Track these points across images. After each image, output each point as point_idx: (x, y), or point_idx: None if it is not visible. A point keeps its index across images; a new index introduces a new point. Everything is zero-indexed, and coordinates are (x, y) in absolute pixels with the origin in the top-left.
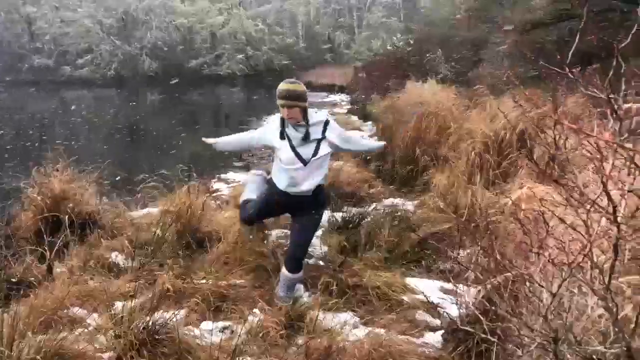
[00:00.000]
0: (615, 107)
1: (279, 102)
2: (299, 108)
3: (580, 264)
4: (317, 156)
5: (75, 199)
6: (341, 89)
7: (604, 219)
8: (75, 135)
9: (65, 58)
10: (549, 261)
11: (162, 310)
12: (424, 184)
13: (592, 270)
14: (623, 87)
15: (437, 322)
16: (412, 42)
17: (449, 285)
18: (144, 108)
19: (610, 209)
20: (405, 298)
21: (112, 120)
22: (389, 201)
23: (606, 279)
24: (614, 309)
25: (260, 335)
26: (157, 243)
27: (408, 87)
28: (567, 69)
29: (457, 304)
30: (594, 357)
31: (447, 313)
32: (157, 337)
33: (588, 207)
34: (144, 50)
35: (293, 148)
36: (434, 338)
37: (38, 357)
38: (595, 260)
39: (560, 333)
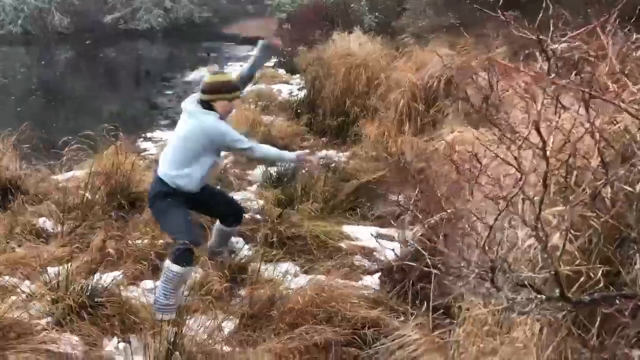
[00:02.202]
0: (545, 47)
1: (233, 94)
2: None
3: (512, 198)
4: None
5: None
6: None
7: (532, 156)
8: None
9: None
10: (485, 196)
11: (100, 272)
12: (355, 134)
13: (523, 203)
14: (552, 28)
15: (375, 266)
16: None
17: (383, 230)
18: (58, 67)
19: (540, 145)
20: (343, 245)
21: (24, 80)
22: (322, 153)
23: (537, 211)
24: (544, 238)
25: (204, 289)
26: (87, 206)
27: (334, 39)
28: (500, 12)
29: (398, 242)
30: (526, 282)
31: (384, 256)
32: (97, 299)
33: (519, 143)
34: (52, 4)
35: None
36: (372, 281)
37: None
38: (526, 193)
39: (496, 263)
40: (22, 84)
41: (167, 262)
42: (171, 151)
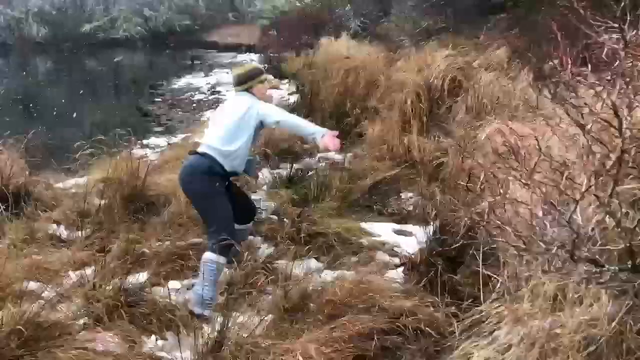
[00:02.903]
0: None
1: (264, 76)
2: None
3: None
4: None
5: (2, 173)
6: (249, 49)
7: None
8: None
9: None
10: (567, 177)
11: (132, 273)
12: (358, 136)
13: (589, 181)
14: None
15: (396, 260)
16: None
17: (401, 227)
18: (39, 77)
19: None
20: (364, 241)
21: (6, 91)
22: (327, 155)
23: (610, 188)
24: (618, 213)
25: (250, 283)
26: (106, 210)
27: (323, 44)
28: (576, 3)
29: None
30: (597, 256)
31: (406, 250)
32: (132, 299)
33: (590, 124)
34: (29, 14)
35: None
36: (397, 274)
37: (20, 326)
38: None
39: (580, 238)
40: (5, 94)
41: (207, 255)
42: (221, 128)
